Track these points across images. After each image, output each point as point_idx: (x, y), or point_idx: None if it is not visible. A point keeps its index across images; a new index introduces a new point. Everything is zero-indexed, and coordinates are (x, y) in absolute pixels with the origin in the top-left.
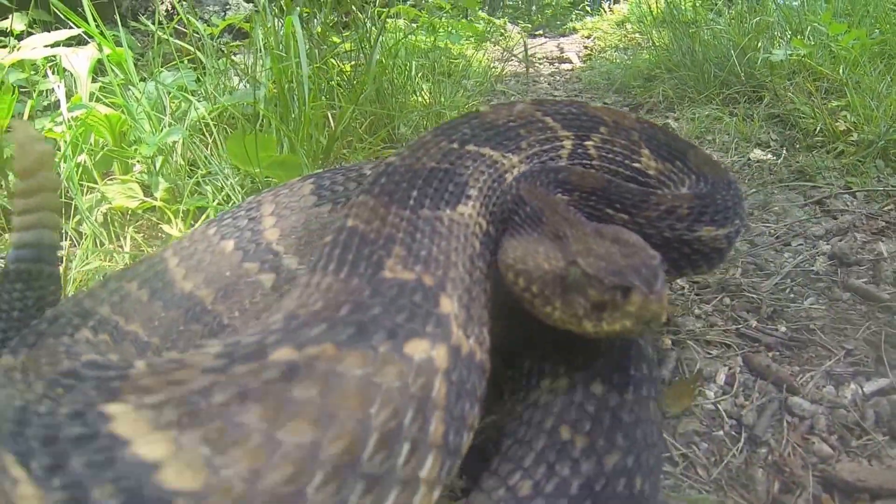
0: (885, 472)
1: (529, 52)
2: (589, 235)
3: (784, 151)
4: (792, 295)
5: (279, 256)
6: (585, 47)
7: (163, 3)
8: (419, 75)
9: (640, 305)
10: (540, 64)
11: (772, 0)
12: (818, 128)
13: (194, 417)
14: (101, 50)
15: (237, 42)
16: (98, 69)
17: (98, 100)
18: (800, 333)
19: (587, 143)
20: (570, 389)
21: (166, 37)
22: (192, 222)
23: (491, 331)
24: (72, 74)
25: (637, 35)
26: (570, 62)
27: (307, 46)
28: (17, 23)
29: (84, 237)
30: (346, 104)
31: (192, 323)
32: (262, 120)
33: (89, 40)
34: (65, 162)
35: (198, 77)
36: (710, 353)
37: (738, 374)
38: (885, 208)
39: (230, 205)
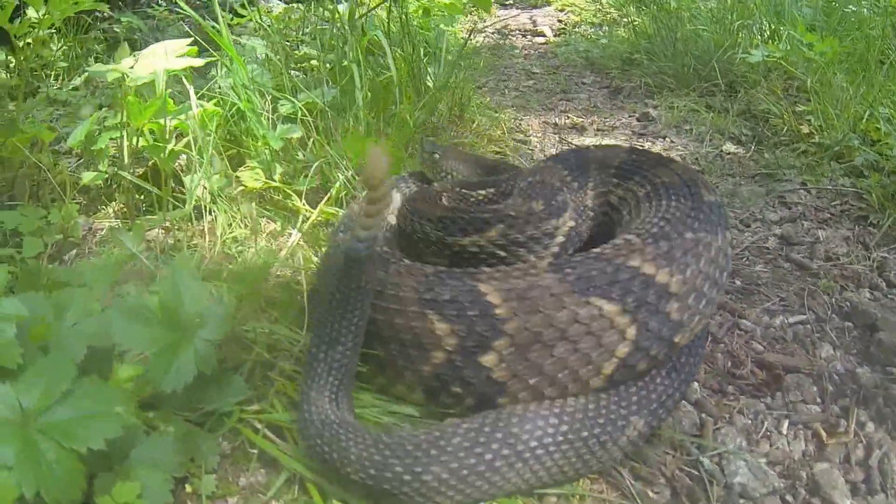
0: (792, 358)
1: (501, 24)
2: None
3: (753, 146)
4: (747, 262)
5: None
6: (559, 21)
7: None
8: (426, 59)
9: None
10: (513, 36)
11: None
12: (785, 129)
13: (671, 261)
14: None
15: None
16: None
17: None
18: (749, 286)
19: None
20: None
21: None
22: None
23: None
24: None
25: (612, 11)
26: (544, 35)
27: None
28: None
29: (219, 212)
30: (407, 102)
31: None
32: (362, 119)
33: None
34: (197, 152)
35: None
36: None
37: None
38: (833, 203)
39: (340, 186)
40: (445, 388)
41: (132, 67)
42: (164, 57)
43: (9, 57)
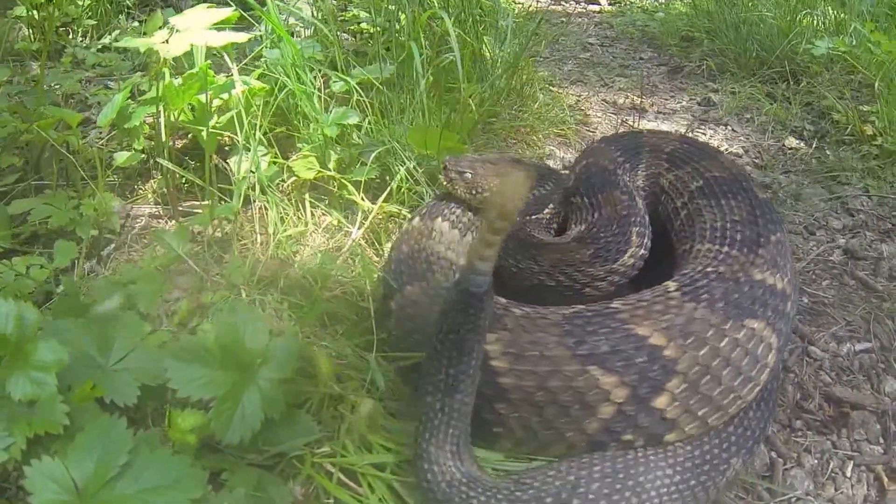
0: (859, 394)
1: None
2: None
3: (815, 142)
4: (814, 277)
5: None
6: None
7: None
8: (481, 28)
9: None
10: (566, 2)
11: None
12: (848, 127)
13: (776, 267)
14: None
15: None
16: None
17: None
18: (817, 306)
19: None
20: None
21: None
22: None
23: None
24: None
25: None
26: (599, 3)
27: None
28: None
29: (269, 206)
30: (470, 84)
31: None
32: (423, 106)
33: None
34: (243, 138)
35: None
36: None
37: None
38: (894, 213)
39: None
40: (616, 439)
41: (166, 41)
42: (201, 30)
43: (31, 13)
